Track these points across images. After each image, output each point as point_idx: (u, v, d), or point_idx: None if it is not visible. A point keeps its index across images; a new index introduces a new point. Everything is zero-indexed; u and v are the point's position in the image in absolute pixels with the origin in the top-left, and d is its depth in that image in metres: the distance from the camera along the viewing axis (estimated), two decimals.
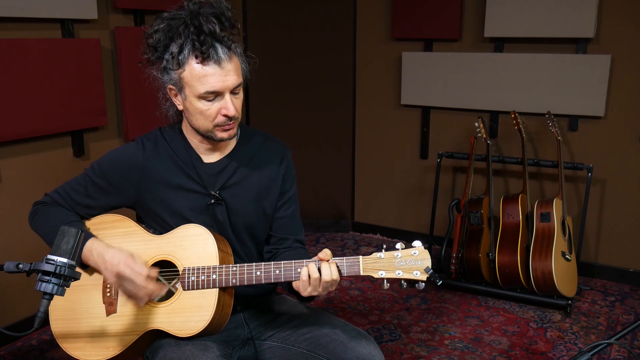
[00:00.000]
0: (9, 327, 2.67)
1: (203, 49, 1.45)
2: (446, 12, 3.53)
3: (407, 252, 1.43)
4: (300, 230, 1.76)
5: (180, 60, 1.48)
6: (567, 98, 3.27)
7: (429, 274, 1.41)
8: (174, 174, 1.60)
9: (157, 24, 1.50)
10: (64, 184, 1.66)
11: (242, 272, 1.48)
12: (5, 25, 2.56)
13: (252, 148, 1.67)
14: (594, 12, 3.10)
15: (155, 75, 1.56)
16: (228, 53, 1.48)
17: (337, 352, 1.53)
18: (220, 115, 1.51)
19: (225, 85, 1.48)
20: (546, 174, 3.47)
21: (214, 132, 1.54)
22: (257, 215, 1.67)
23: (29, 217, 1.66)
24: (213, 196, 1.60)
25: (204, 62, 1.46)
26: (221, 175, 1.62)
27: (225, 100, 1.50)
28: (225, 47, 1.48)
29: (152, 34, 1.50)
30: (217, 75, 1.47)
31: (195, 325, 1.48)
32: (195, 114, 1.53)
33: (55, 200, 1.64)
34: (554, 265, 2.89)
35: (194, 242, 1.53)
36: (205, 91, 1.48)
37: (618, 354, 2.61)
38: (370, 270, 1.44)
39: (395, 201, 4.02)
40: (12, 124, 2.58)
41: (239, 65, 1.53)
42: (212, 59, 1.46)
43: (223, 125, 1.53)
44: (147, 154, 1.61)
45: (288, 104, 4.01)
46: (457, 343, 2.73)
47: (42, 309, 1.24)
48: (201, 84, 1.48)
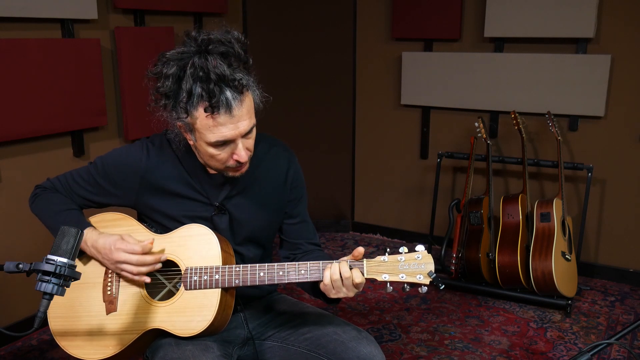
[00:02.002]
0: (9, 327, 2.67)
1: (213, 101, 1.35)
2: (446, 12, 3.53)
3: (410, 256, 1.44)
4: (314, 233, 1.75)
5: (189, 109, 1.39)
6: (567, 98, 3.27)
7: (432, 278, 1.42)
8: (176, 183, 1.58)
9: (166, 66, 1.39)
10: (67, 174, 1.66)
11: (245, 273, 1.48)
12: (5, 25, 2.56)
13: (257, 156, 1.61)
14: (594, 12, 3.10)
15: (164, 116, 1.47)
16: (239, 97, 1.38)
17: (337, 352, 1.53)
18: (232, 160, 1.47)
19: (237, 132, 1.41)
20: (546, 174, 3.47)
21: (225, 171, 1.51)
22: (261, 224, 1.65)
23: (29, 199, 1.67)
24: (216, 207, 1.59)
25: (213, 112, 1.37)
26: (225, 186, 1.60)
27: (238, 147, 1.44)
28: (237, 92, 1.37)
29: (161, 79, 1.41)
30: (228, 124, 1.39)
31: (197, 325, 1.47)
32: (206, 156, 1.48)
33: (56, 188, 1.65)
34: (554, 265, 2.89)
35: (197, 242, 1.53)
36: (216, 140, 1.41)
37: (618, 354, 2.61)
38: (374, 274, 1.44)
39: (395, 201, 4.02)
40: (12, 124, 2.58)
41: (252, 104, 1.44)
42: (223, 107, 1.36)
43: (234, 167, 1.49)
44: (151, 160, 1.58)
45: (288, 104, 4.01)
46: (457, 343, 2.73)
47: (42, 309, 1.24)
48: (212, 134, 1.40)
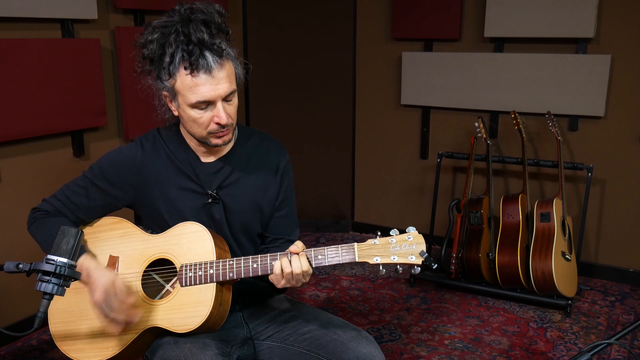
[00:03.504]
0: (9, 327, 2.67)
1: (192, 59, 1.44)
2: (446, 12, 3.53)
3: (401, 237, 1.44)
4: (294, 229, 1.76)
5: (171, 71, 1.48)
6: (567, 98, 3.27)
7: (424, 258, 1.42)
8: (171, 174, 1.61)
9: (150, 33, 1.49)
10: (63, 188, 1.65)
11: (239, 265, 1.49)
12: (5, 25, 2.56)
13: (249, 148, 1.68)
14: (594, 12, 3.10)
15: (150, 83, 1.56)
16: (219, 61, 1.47)
17: (337, 352, 1.53)
18: (213, 123, 1.51)
19: (217, 93, 1.48)
20: (546, 174, 3.47)
21: (208, 139, 1.55)
22: (253, 215, 1.67)
23: (27, 223, 1.65)
24: (210, 195, 1.61)
25: (193, 72, 1.45)
26: (218, 174, 1.63)
27: (218, 108, 1.50)
28: (216, 55, 1.46)
29: (146, 45, 1.49)
30: (208, 85, 1.47)
31: (194, 320, 1.48)
32: (189, 121, 1.53)
33: (55, 207, 1.63)
34: (554, 265, 2.89)
35: (191, 239, 1.54)
36: (197, 101, 1.48)
37: (618, 354, 2.62)
38: (365, 257, 1.44)
39: (395, 201, 4.02)
40: (12, 124, 2.58)
41: (232, 71, 1.53)
42: (202, 68, 1.45)
43: (216, 132, 1.53)
44: (146, 154, 1.62)
45: (288, 104, 4.01)
46: (457, 343, 2.73)
47: (42, 309, 1.25)
48: (192, 94, 1.47)
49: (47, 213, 1.63)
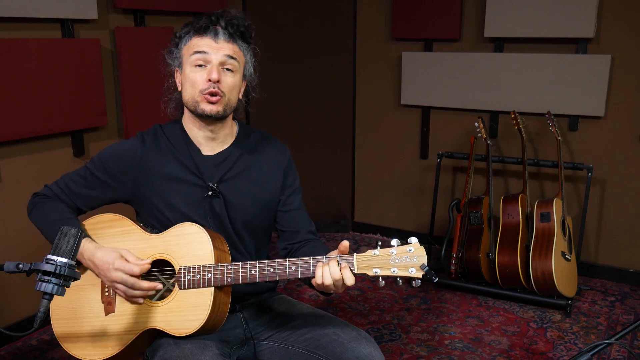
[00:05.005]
0: (9, 327, 2.67)
1: (201, 23, 1.56)
2: (446, 12, 3.53)
3: (402, 248, 1.39)
4: (310, 221, 1.76)
5: (184, 38, 1.59)
6: (567, 98, 3.27)
7: (424, 271, 1.37)
8: (172, 167, 1.62)
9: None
10: (64, 176, 1.68)
11: (237, 271, 1.48)
12: (5, 25, 2.56)
13: (250, 143, 1.70)
14: (594, 12, 3.10)
15: (168, 64, 1.66)
16: (228, 38, 1.56)
17: (336, 352, 1.53)
18: (206, 82, 1.55)
19: (215, 54, 1.55)
20: (546, 174, 3.47)
21: (199, 103, 1.56)
22: (255, 209, 1.67)
23: (27, 208, 1.68)
24: (210, 188, 1.61)
25: (201, 35, 1.56)
26: (219, 167, 1.64)
27: (212, 65, 1.55)
28: (227, 33, 1.56)
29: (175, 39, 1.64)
30: (210, 44, 1.55)
31: (192, 324, 1.48)
32: (186, 84, 1.58)
33: (55, 193, 1.66)
34: (554, 265, 2.89)
35: (190, 241, 1.53)
36: (195, 51, 1.55)
37: (618, 354, 2.62)
38: (364, 268, 1.40)
39: (395, 201, 4.02)
40: (12, 124, 2.58)
41: (240, 53, 1.60)
42: (210, 33, 1.55)
43: (208, 91, 1.54)
44: (147, 147, 1.63)
45: (288, 104, 4.01)
46: (457, 343, 2.73)
47: (42, 309, 1.24)
48: (193, 49, 1.56)
49: (47, 197, 1.66)
